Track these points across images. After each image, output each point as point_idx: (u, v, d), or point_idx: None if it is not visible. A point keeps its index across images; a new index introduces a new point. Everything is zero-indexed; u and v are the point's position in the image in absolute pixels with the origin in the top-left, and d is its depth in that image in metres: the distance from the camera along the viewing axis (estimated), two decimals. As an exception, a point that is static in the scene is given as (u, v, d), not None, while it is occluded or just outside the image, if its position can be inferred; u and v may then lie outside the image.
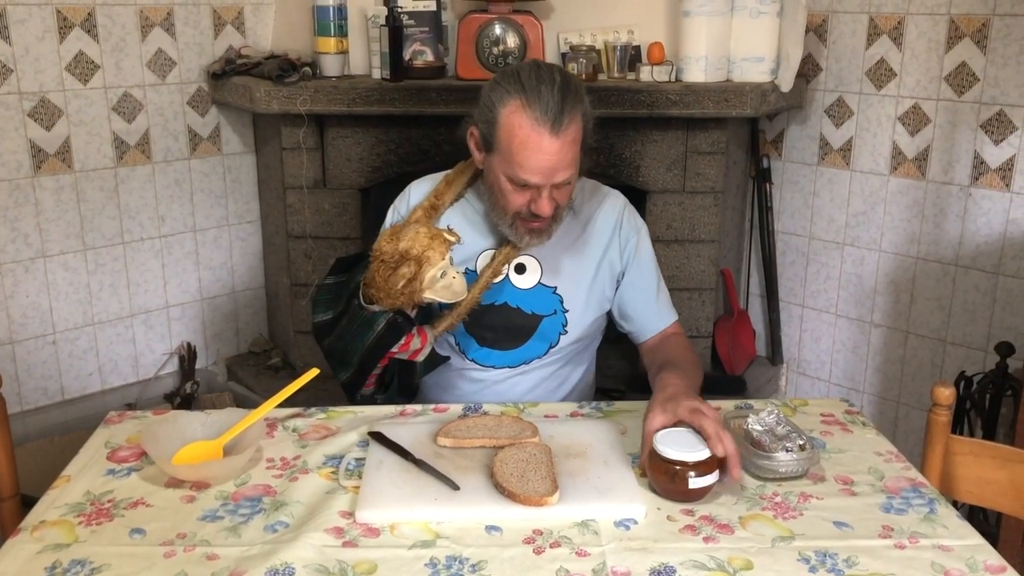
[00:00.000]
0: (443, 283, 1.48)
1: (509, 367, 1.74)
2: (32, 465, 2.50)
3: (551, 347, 1.73)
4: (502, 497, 1.28)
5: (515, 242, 1.63)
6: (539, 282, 1.70)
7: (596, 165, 2.63)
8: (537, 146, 1.48)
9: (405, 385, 1.69)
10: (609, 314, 1.80)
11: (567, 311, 1.71)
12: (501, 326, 1.71)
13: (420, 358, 1.61)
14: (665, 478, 1.29)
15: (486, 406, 1.59)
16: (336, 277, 1.67)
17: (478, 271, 1.69)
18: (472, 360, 1.75)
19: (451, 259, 1.50)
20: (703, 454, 1.28)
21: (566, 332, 1.72)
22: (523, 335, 1.72)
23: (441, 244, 1.50)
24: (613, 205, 1.76)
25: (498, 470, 1.32)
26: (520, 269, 1.70)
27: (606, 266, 1.73)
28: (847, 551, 1.19)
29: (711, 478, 1.29)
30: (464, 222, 1.71)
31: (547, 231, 1.61)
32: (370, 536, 1.22)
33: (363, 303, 1.56)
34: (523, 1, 2.63)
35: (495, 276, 1.67)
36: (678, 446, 1.29)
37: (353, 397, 1.66)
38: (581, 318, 1.72)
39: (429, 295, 1.48)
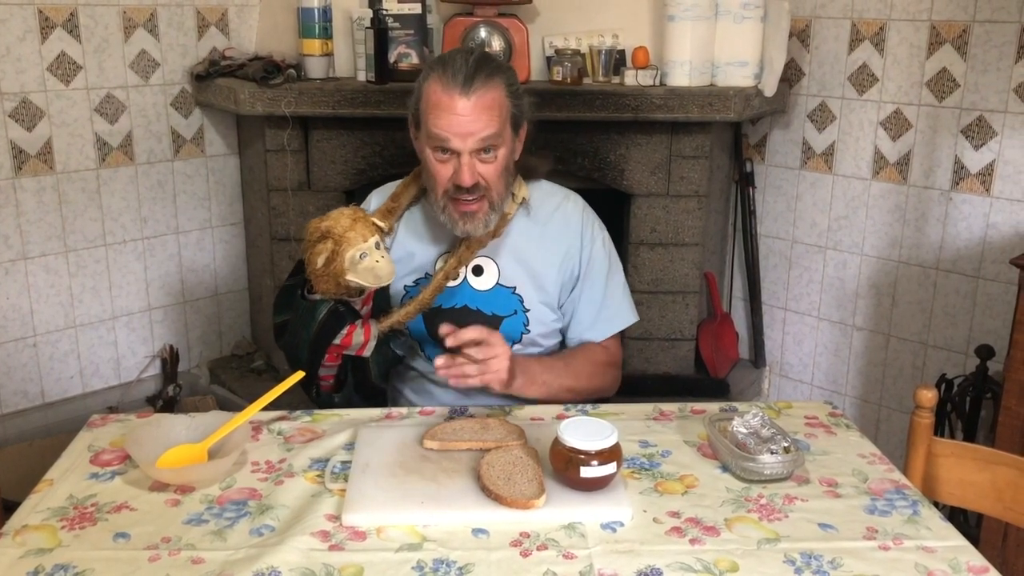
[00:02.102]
0: (364, 265, 1.48)
1: None
2: (12, 469, 2.48)
3: (514, 345, 1.73)
4: (489, 500, 1.28)
5: (451, 229, 1.64)
6: (497, 283, 1.72)
7: (581, 169, 2.65)
8: (448, 107, 1.52)
9: (361, 384, 1.68)
10: None
11: (528, 310, 1.72)
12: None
13: (367, 353, 1.60)
14: (561, 464, 1.30)
15: (472, 408, 1.59)
16: (294, 279, 1.67)
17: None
18: None
19: (377, 243, 1.50)
20: (599, 445, 1.28)
21: (528, 331, 1.73)
22: None
23: (364, 227, 1.50)
24: (573, 209, 1.77)
25: (485, 473, 1.32)
26: (478, 271, 1.71)
27: (566, 268, 1.74)
28: (832, 553, 1.20)
29: (606, 469, 1.29)
30: (421, 226, 1.73)
31: (482, 218, 1.61)
32: (356, 539, 1.22)
33: (306, 294, 1.58)
34: (508, 4, 2.63)
35: (448, 278, 1.67)
36: (578, 435, 1.29)
37: (309, 394, 1.66)
38: (542, 317, 1.74)
39: (352, 277, 1.48)
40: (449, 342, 1.50)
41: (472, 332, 1.50)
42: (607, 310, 1.77)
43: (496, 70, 1.57)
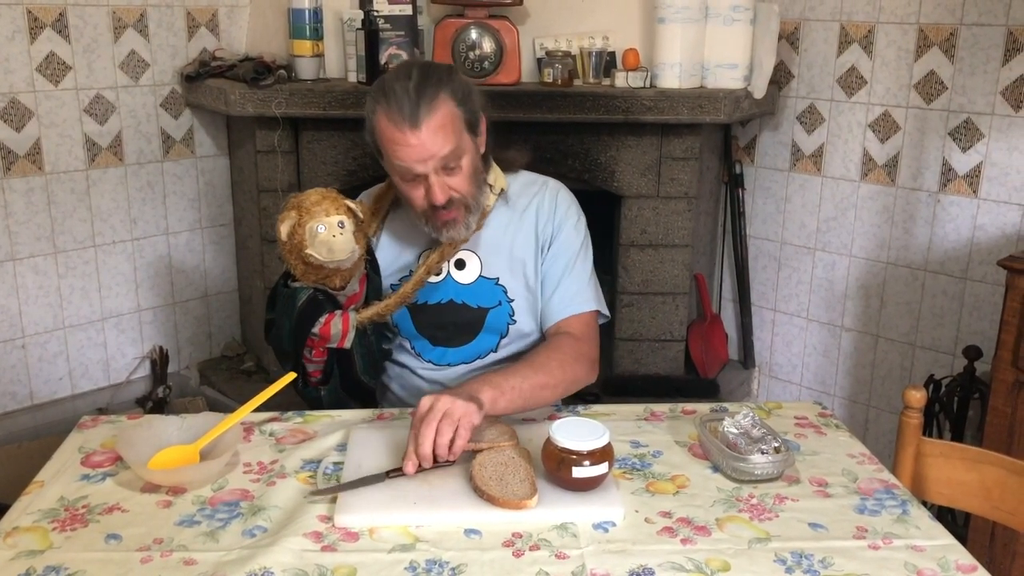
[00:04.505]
0: (320, 238, 1.50)
1: (464, 363, 1.76)
2: (0, 471, 2.47)
3: (502, 338, 1.74)
4: (481, 500, 1.28)
5: (437, 238, 1.65)
6: (480, 275, 1.72)
7: (572, 171, 2.66)
8: (403, 142, 1.53)
9: (346, 378, 1.68)
10: None
11: (512, 300, 1.73)
12: (450, 323, 1.73)
13: (347, 344, 1.60)
14: (553, 465, 1.31)
15: (464, 410, 1.59)
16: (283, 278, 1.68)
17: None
18: (429, 361, 1.76)
19: (341, 223, 1.51)
20: (591, 445, 1.29)
21: (515, 322, 1.74)
22: (472, 329, 1.73)
23: (332, 205, 1.53)
24: (549, 193, 1.77)
25: (477, 474, 1.32)
26: (460, 265, 1.72)
27: (543, 251, 1.74)
28: (822, 552, 1.20)
29: (598, 469, 1.29)
30: (404, 226, 1.74)
31: (462, 222, 1.62)
32: (349, 540, 1.22)
33: (287, 283, 1.59)
34: (499, 6, 2.64)
35: (430, 273, 1.68)
36: (570, 435, 1.30)
37: (297, 388, 1.67)
38: (527, 307, 1.74)
39: (309, 250, 1.50)
40: (411, 470, 1.33)
41: (414, 443, 1.34)
42: (566, 290, 1.70)
43: (438, 86, 1.53)
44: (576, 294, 1.71)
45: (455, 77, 1.59)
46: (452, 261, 1.71)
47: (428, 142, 1.52)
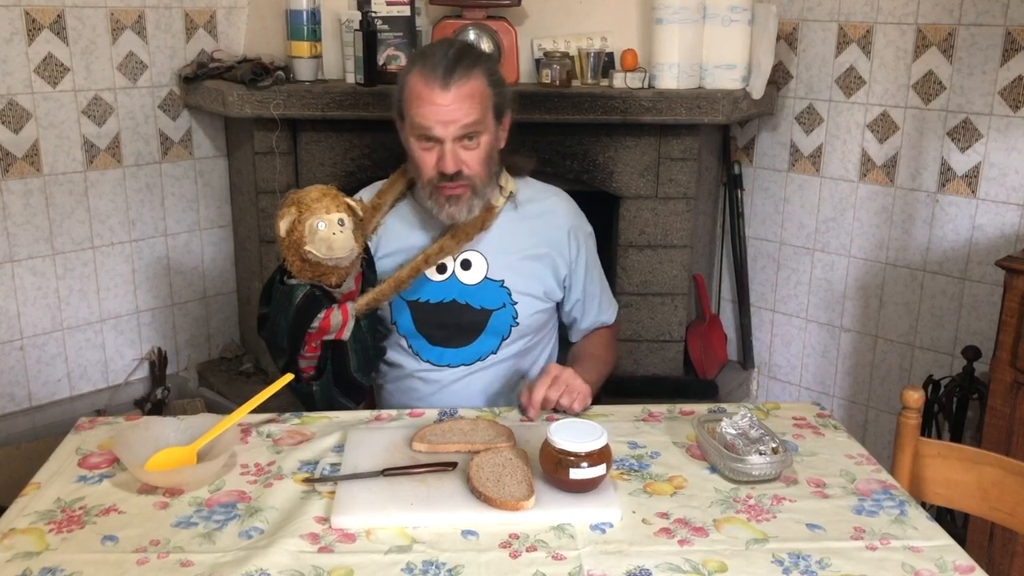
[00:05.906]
0: (321, 235, 1.50)
1: (464, 365, 1.77)
2: (-1, 472, 2.47)
3: (503, 340, 1.75)
4: (478, 502, 1.28)
5: (436, 215, 1.67)
6: (486, 277, 1.73)
7: (570, 171, 2.66)
8: (430, 99, 1.57)
9: (339, 372, 1.68)
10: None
11: (516, 303, 1.74)
12: (452, 323, 1.74)
13: (345, 335, 1.61)
14: (551, 466, 1.31)
15: (461, 411, 1.60)
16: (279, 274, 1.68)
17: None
18: (427, 361, 1.77)
19: (341, 220, 1.51)
20: (588, 447, 1.29)
21: (517, 324, 1.75)
22: (474, 331, 1.74)
23: (332, 202, 1.53)
24: (565, 207, 1.82)
25: (474, 475, 1.32)
26: (466, 265, 1.73)
27: (554, 265, 1.78)
28: (820, 553, 1.20)
29: (595, 470, 1.29)
30: (409, 221, 1.76)
31: (466, 202, 1.65)
32: (346, 541, 1.22)
33: (284, 280, 1.60)
34: (497, 7, 2.64)
35: (428, 263, 1.69)
36: (568, 436, 1.30)
37: (291, 386, 1.66)
38: (530, 310, 1.76)
39: (309, 247, 1.51)
40: (532, 414, 1.56)
41: (541, 390, 1.56)
42: (604, 299, 1.90)
43: (476, 61, 1.61)
44: (608, 302, 1.91)
45: (494, 64, 1.67)
46: (458, 261, 1.72)
47: (454, 106, 1.56)
